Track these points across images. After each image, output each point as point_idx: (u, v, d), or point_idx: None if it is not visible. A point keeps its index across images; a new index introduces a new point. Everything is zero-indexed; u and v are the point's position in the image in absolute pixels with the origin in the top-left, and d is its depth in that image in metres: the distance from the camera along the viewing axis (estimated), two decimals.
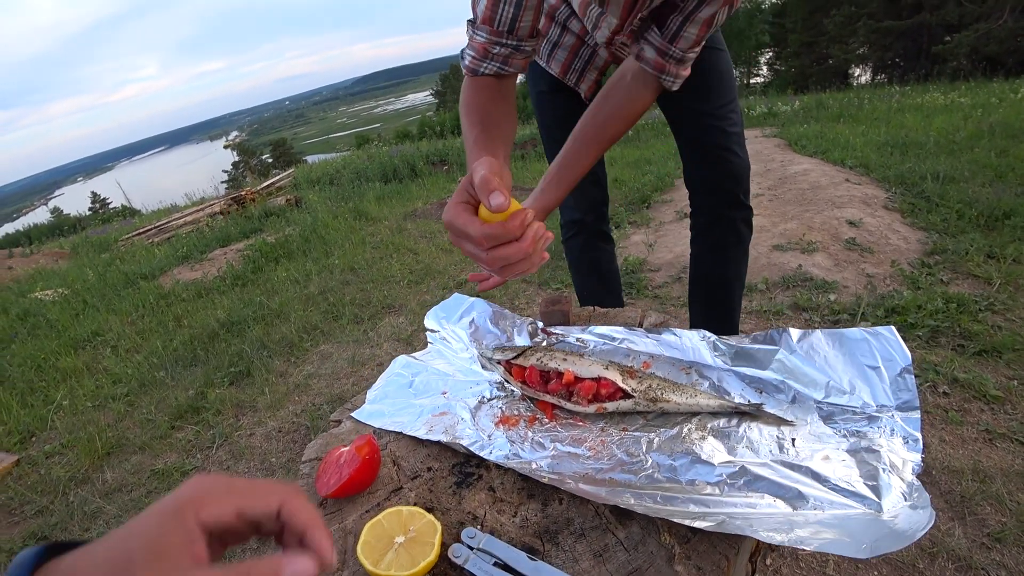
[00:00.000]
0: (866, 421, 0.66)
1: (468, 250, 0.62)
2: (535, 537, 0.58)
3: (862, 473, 0.60)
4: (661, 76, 0.94)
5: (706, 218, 1.30)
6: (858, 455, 0.62)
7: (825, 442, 0.65)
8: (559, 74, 1.25)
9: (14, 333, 3.99)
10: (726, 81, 1.18)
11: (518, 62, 0.89)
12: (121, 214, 14.07)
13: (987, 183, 3.32)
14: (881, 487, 0.58)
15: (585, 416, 0.74)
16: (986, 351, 1.78)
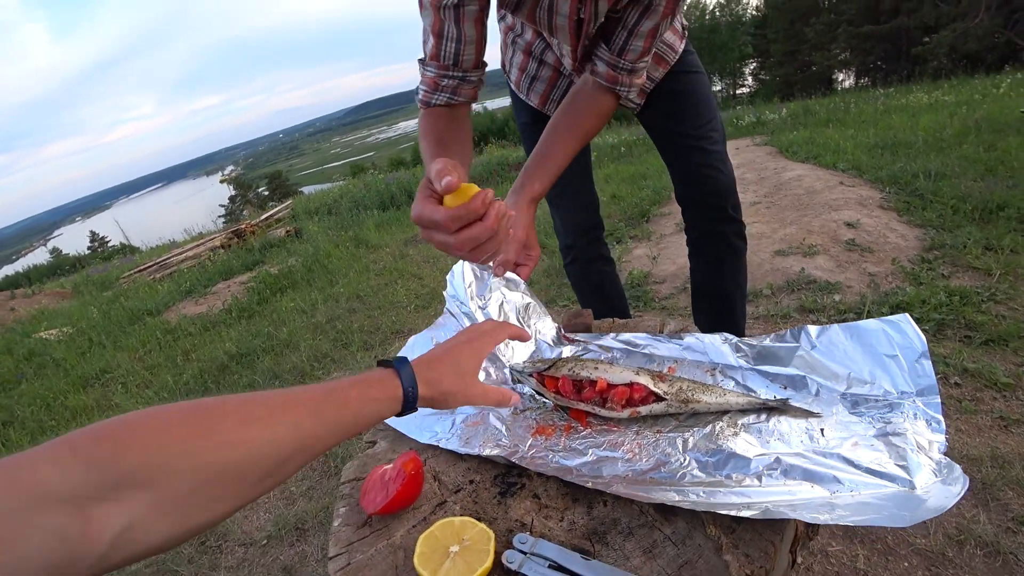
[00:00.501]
0: (889, 408, 0.69)
1: (439, 240, 0.66)
2: (584, 539, 0.60)
3: (891, 456, 0.62)
4: (616, 88, 0.98)
5: (698, 233, 1.34)
6: (885, 439, 0.64)
7: (852, 430, 0.67)
8: (539, 105, 1.28)
9: (20, 374, 3.99)
10: (703, 102, 1.22)
11: (467, 91, 0.95)
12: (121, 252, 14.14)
13: (978, 177, 3.39)
14: (911, 466, 0.60)
15: (619, 421, 0.76)
16: (992, 340, 1.81)
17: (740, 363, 0.83)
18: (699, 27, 24.65)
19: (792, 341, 0.81)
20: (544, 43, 1.19)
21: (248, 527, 1.80)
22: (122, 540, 0.35)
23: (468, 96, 0.96)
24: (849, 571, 1.18)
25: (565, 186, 1.41)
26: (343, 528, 0.71)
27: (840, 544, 1.24)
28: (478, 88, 0.97)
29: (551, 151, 0.98)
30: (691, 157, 1.22)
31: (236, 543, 1.75)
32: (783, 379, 0.78)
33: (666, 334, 0.94)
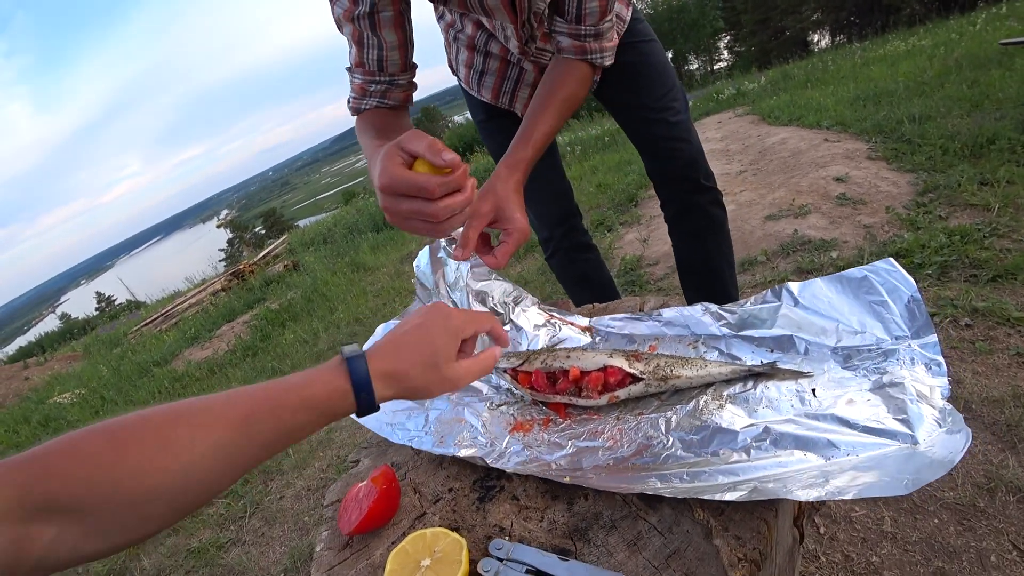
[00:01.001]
0: (884, 357, 0.64)
1: (409, 208, 0.62)
2: (565, 538, 0.56)
3: (890, 409, 0.58)
4: (587, 57, 0.93)
5: (675, 208, 1.30)
6: (882, 391, 0.60)
7: (846, 386, 0.63)
8: (491, 100, 1.24)
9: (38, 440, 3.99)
10: (660, 72, 1.17)
11: (396, 95, 0.93)
12: (127, 308, 14.23)
13: (964, 114, 3.32)
14: (912, 419, 0.56)
15: (599, 409, 0.72)
16: (1000, 276, 1.74)
17: (723, 331, 0.78)
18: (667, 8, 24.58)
19: (774, 300, 0.77)
20: (487, 34, 1.15)
21: (265, 563, 1.77)
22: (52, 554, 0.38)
23: (399, 99, 0.94)
24: (876, 535, 1.12)
25: (534, 179, 1.38)
26: (325, 552, 0.68)
27: (863, 508, 1.19)
28: (409, 92, 0.94)
29: (534, 119, 0.92)
30: (653, 131, 1.17)
31: None
32: (769, 342, 0.74)
33: (646, 312, 0.90)
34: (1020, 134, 2.68)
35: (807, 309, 0.74)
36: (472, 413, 0.77)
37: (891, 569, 1.05)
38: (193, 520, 2.14)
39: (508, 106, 1.24)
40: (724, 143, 5.06)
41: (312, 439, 2.42)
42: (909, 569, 1.04)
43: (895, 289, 0.70)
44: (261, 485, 2.21)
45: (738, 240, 2.70)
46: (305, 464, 2.23)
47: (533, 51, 1.09)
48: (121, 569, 2.01)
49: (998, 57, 4.53)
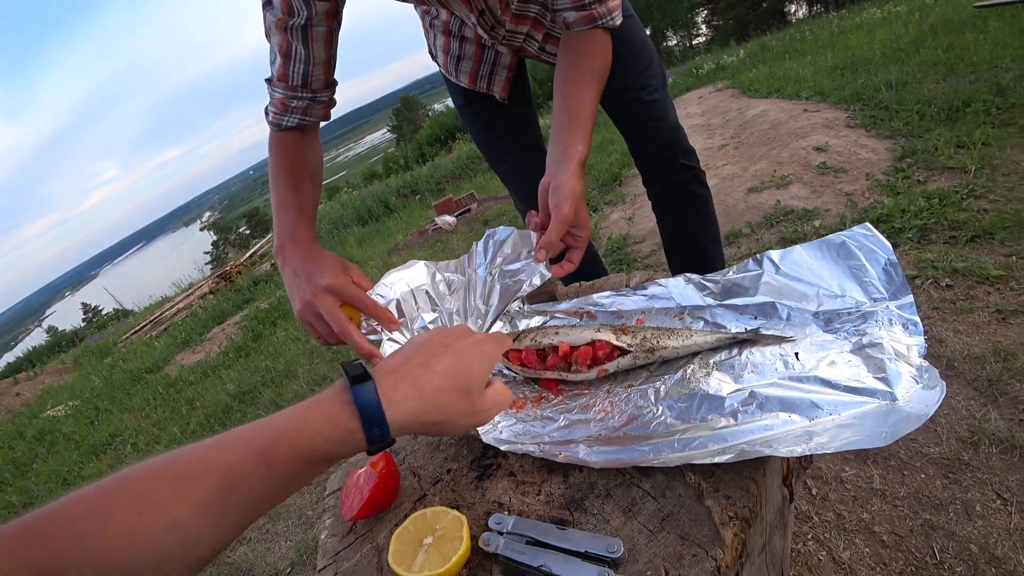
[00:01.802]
0: (863, 319, 0.66)
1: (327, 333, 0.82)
2: (562, 509, 0.58)
3: (870, 369, 0.60)
4: (599, 23, 0.88)
5: (656, 187, 1.29)
6: (862, 352, 0.62)
7: (827, 348, 0.64)
8: (469, 85, 1.23)
9: (34, 454, 3.98)
10: (637, 48, 1.15)
11: (318, 112, 0.93)
12: (115, 317, 14.08)
13: (940, 79, 3.35)
14: (890, 377, 0.57)
15: (589, 383, 0.74)
16: (978, 236, 1.78)
17: (707, 301, 0.80)
18: None
19: (756, 269, 0.79)
20: (460, 19, 1.14)
21: (271, 558, 1.79)
22: None
23: (319, 116, 0.94)
24: (866, 493, 1.16)
25: (514, 163, 1.36)
26: (329, 539, 0.69)
27: (853, 467, 1.22)
28: (329, 108, 0.96)
29: (577, 104, 0.86)
30: (630, 110, 1.16)
31: (262, 575, 1.74)
32: (752, 309, 0.76)
33: (632, 287, 0.91)
34: (994, 96, 2.72)
35: (788, 276, 0.76)
36: None
37: (881, 524, 1.08)
38: None
39: (486, 90, 1.23)
40: (705, 118, 5.07)
41: None
42: (899, 523, 1.07)
43: (872, 253, 0.71)
44: None
45: (722, 213, 2.72)
46: None
47: (503, 35, 1.08)
48: None
49: (972, 20, 4.56)
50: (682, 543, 0.50)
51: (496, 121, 1.30)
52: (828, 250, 0.75)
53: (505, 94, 1.23)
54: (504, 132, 1.32)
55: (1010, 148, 2.26)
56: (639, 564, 0.49)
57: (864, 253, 0.72)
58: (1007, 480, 1.09)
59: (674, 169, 1.22)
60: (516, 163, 1.35)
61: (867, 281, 0.70)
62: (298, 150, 0.94)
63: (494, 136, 1.34)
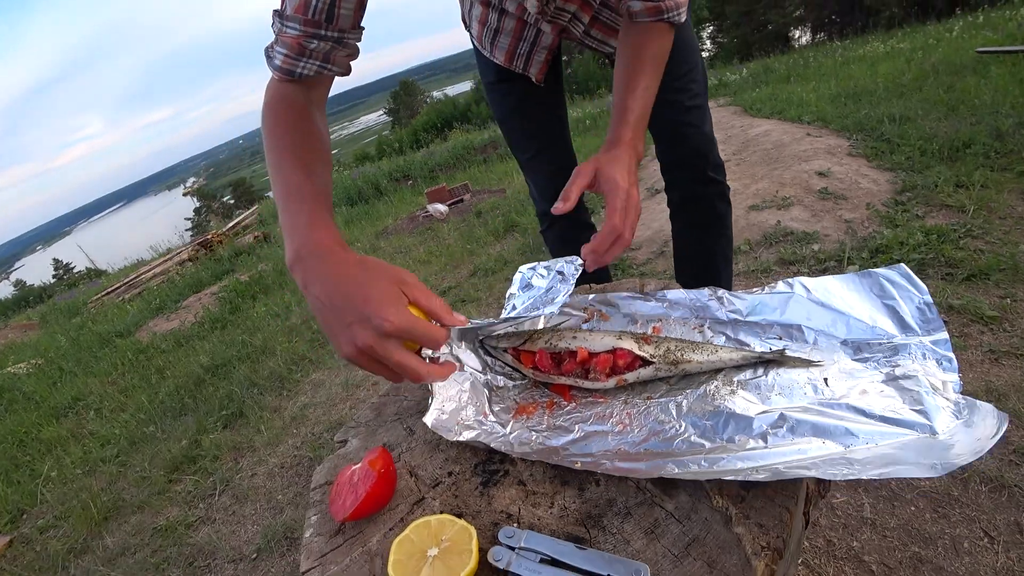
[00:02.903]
0: (894, 351, 0.64)
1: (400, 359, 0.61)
2: (578, 525, 0.54)
3: (905, 400, 0.57)
4: (664, 17, 0.83)
5: (679, 196, 1.25)
6: (896, 383, 0.59)
7: (858, 377, 0.62)
8: (504, 62, 1.16)
9: None
10: (684, 48, 1.09)
11: (340, 59, 0.77)
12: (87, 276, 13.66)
13: (941, 118, 3.39)
14: (929, 410, 0.55)
15: (605, 392, 0.70)
16: (974, 275, 1.79)
17: (730, 316, 0.77)
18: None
19: (786, 290, 0.76)
20: None
21: (236, 542, 1.73)
22: None
23: (341, 67, 0.78)
24: (856, 521, 1.15)
25: (539, 150, 1.29)
26: (315, 539, 0.64)
27: (844, 494, 1.21)
28: (353, 58, 0.80)
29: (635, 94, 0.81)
30: (665, 113, 1.09)
31: (225, 560, 1.68)
32: (777, 329, 0.73)
33: (648, 292, 0.88)
34: (994, 140, 2.76)
35: (817, 302, 0.73)
36: (473, 395, 0.74)
37: (871, 554, 1.07)
38: (160, 497, 2.07)
39: (523, 70, 1.16)
40: None
41: (284, 415, 2.36)
42: (888, 554, 1.06)
43: (906, 291, 0.69)
44: (232, 462, 2.15)
45: None
46: (278, 441, 2.18)
47: (552, 10, 1.01)
48: (82, 547, 1.94)
49: (973, 64, 4.64)
50: (709, 571, 0.47)
51: (526, 104, 1.23)
52: (862, 283, 0.73)
53: (541, 76, 1.16)
54: (533, 117, 1.25)
55: (1007, 192, 2.29)
56: None
57: (898, 290, 0.70)
58: (995, 519, 1.09)
59: (701, 180, 1.18)
60: (541, 151, 1.28)
61: (900, 315, 0.68)
62: (309, 115, 0.75)
63: (522, 120, 1.27)
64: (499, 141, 8.51)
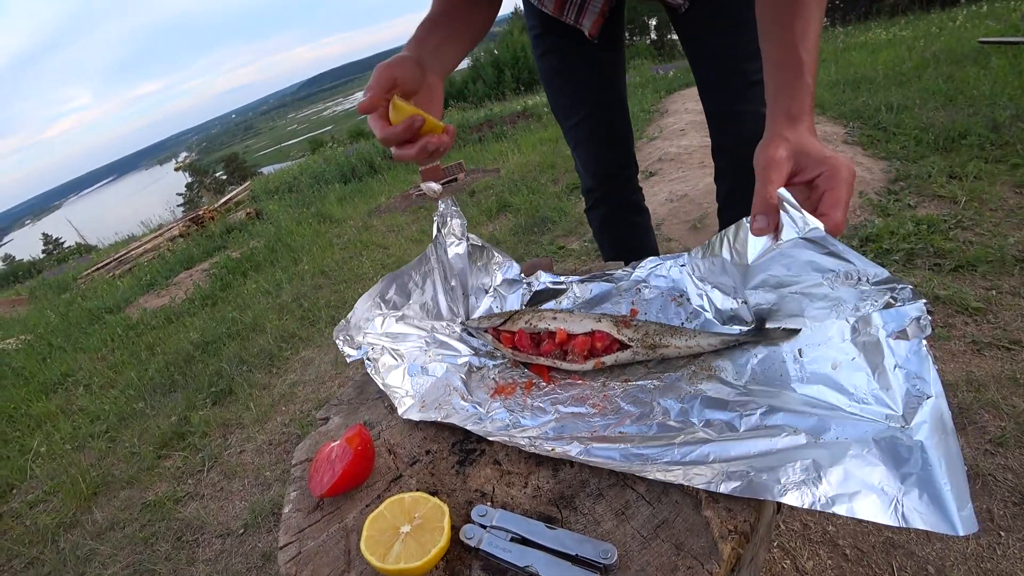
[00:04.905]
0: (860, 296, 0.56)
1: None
2: (550, 505, 0.55)
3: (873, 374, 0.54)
4: None
5: (727, 185, 1.12)
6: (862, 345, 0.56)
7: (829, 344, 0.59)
8: (554, 11, 1.01)
9: None
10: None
11: None
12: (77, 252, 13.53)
13: (939, 108, 3.38)
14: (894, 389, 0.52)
15: (583, 374, 0.71)
16: (961, 266, 1.80)
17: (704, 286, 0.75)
18: None
19: None
20: None
21: (224, 517, 1.74)
22: None
23: None
24: None
25: (586, 115, 1.14)
26: (293, 514, 0.65)
27: None
28: None
29: (800, 44, 0.61)
30: (727, 83, 0.96)
31: (213, 535, 1.69)
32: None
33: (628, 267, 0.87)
34: (990, 131, 2.75)
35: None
36: (452, 373, 0.74)
37: (845, 538, 1.09)
38: (148, 473, 2.08)
39: (574, 21, 1.02)
40: (703, 116, 5.03)
41: (274, 393, 2.37)
42: (861, 538, 1.09)
43: None
44: (220, 438, 2.16)
45: (713, 214, 2.70)
46: (266, 418, 2.19)
47: None
48: (72, 522, 1.95)
49: (974, 55, 4.61)
50: (677, 553, 0.47)
51: (576, 62, 1.09)
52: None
53: (596, 31, 1.02)
54: (582, 77, 1.11)
55: (999, 184, 2.29)
56: (630, 572, 0.46)
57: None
58: None
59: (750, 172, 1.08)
60: (590, 115, 1.14)
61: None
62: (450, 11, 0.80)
63: (569, 79, 1.12)
64: (494, 120, 8.41)
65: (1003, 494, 1.10)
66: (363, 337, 0.81)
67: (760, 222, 0.57)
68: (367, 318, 0.83)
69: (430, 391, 0.73)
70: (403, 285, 0.88)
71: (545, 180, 4.19)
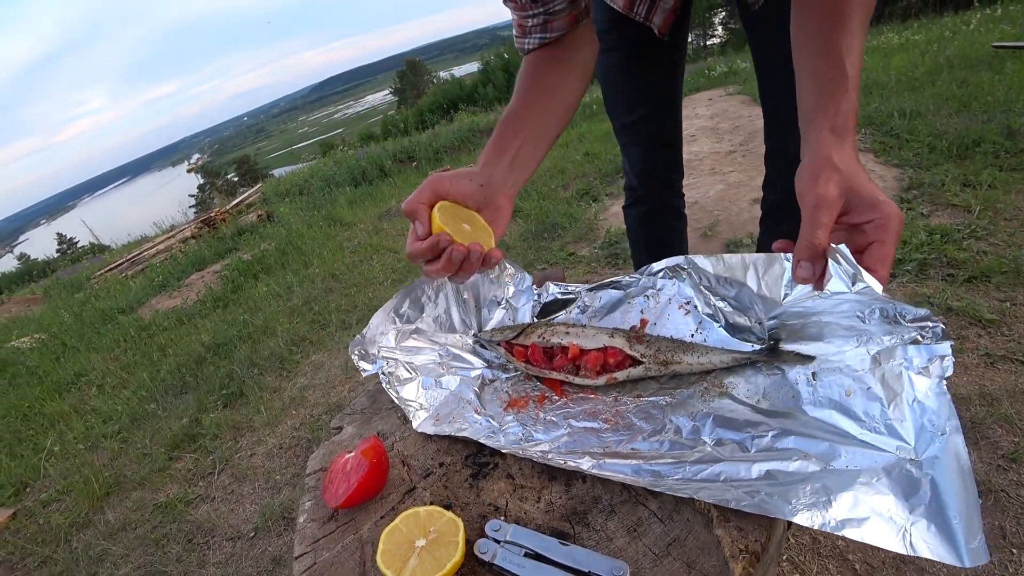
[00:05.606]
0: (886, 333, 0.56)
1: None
2: (563, 520, 0.55)
3: (887, 403, 0.55)
4: None
5: (774, 196, 1.09)
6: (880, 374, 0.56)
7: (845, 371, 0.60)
8: (623, 7, 0.99)
9: None
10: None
11: (559, 23, 0.77)
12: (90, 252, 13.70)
13: (952, 114, 3.35)
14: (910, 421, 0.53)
15: (596, 388, 0.71)
16: (975, 277, 1.79)
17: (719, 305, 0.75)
18: None
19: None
20: None
21: (235, 520, 1.76)
22: None
23: (563, 27, 0.78)
24: None
25: (643, 116, 1.14)
26: (308, 524, 0.66)
27: None
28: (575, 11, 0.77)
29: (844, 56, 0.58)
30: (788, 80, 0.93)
31: (224, 538, 1.71)
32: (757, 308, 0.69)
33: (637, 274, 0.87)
34: (1005, 139, 2.72)
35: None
36: (466, 386, 0.75)
37: (855, 552, 1.09)
38: (160, 474, 2.11)
39: (644, 18, 1.01)
40: (714, 121, 5.03)
41: (284, 396, 2.39)
42: (871, 553, 1.08)
43: None
44: (231, 441, 2.18)
45: (725, 221, 2.71)
46: (277, 421, 2.21)
47: None
48: (84, 521, 1.97)
49: (988, 59, 4.57)
50: (688, 572, 0.48)
51: (640, 61, 1.08)
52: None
53: (666, 28, 1.01)
54: (643, 75, 1.11)
55: (1014, 193, 2.27)
56: None
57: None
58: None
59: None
60: (646, 116, 1.14)
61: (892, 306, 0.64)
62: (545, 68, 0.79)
63: (630, 78, 1.12)
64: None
65: (1016, 511, 1.09)
66: (378, 351, 0.82)
67: (804, 270, 0.53)
68: (381, 332, 0.84)
69: (444, 404, 0.74)
70: (417, 299, 0.89)
71: (555, 185, 4.20)
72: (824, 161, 0.54)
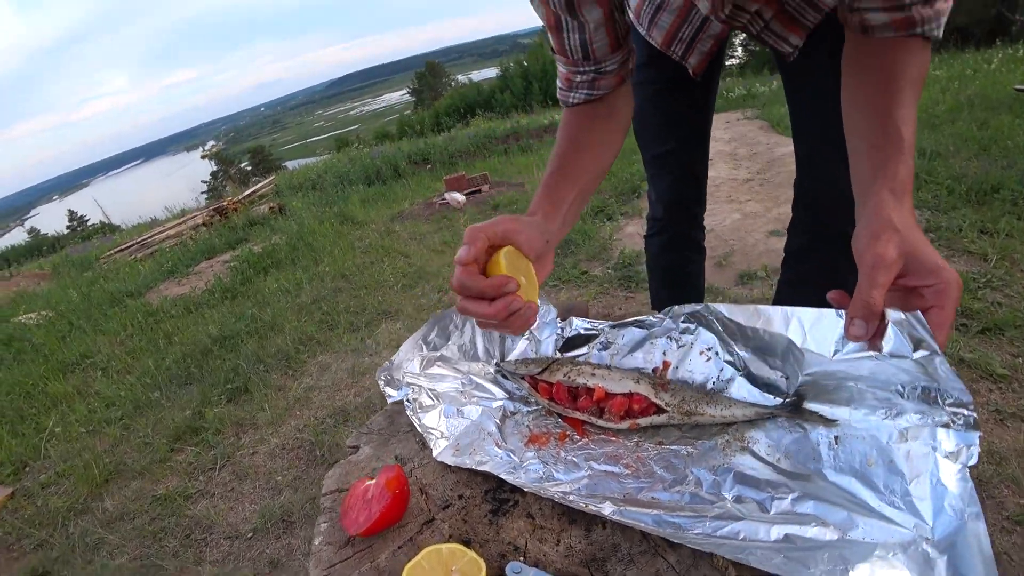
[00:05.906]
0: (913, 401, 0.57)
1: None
2: (581, 566, 0.56)
3: (909, 479, 0.56)
4: (918, 31, 0.63)
5: (798, 241, 1.07)
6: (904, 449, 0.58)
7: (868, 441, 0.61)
8: (662, 45, 1.02)
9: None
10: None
11: (607, 82, 0.80)
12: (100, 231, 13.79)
13: (972, 157, 3.35)
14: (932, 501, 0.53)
15: (618, 432, 0.72)
16: (988, 329, 1.79)
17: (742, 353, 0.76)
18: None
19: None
20: None
21: (234, 519, 1.76)
22: None
23: (610, 86, 0.80)
24: None
25: (672, 149, 1.17)
26: (324, 547, 0.66)
27: None
28: (622, 72, 0.80)
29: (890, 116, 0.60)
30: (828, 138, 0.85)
31: (221, 536, 1.72)
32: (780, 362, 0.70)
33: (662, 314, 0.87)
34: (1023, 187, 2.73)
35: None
36: (487, 417, 0.76)
37: None
38: (160, 465, 2.12)
39: (680, 58, 1.03)
40: (731, 146, 5.05)
41: (289, 396, 2.40)
42: None
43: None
44: (233, 437, 2.19)
45: (740, 252, 2.71)
46: (281, 421, 2.21)
47: (727, 11, 0.81)
48: (82, 507, 1.98)
49: (1010, 102, 4.57)
50: None
51: (672, 94, 1.12)
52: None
53: (700, 70, 1.03)
54: (675, 111, 1.15)
55: None
56: None
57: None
58: None
59: (833, 224, 0.95)
60: (674, 151, 1.18)
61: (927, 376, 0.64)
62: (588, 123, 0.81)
63: (662, 112, 1.15)
64: (521, 133, 8.47)
65: (1019, 575, 1.09)
66: (403, 376, 0.83)
67: (858, 328, 0.54)
68: (408, 359, 0.85)
69: (464, 434, 0.75)
70: (444, 327, 0.90)
71: None
72: (884, 222, 0.55)
